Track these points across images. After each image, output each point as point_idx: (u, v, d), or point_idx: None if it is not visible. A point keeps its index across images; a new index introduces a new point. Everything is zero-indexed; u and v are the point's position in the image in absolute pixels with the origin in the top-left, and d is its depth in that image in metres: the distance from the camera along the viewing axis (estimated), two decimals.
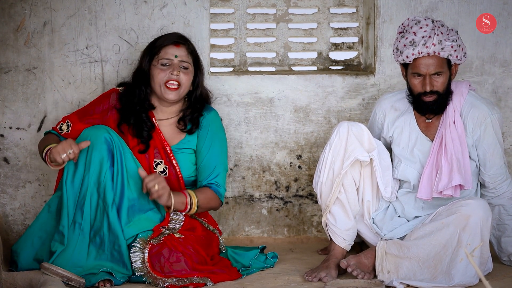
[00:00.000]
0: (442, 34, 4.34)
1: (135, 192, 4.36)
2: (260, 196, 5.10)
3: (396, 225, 4.50)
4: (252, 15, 5.14)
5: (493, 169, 4.46)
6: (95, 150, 4.30)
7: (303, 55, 5.21)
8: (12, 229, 4.95)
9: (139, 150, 4.51)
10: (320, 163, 4.46)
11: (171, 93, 4.50)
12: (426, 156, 4.47)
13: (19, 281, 4.21)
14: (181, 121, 4.58)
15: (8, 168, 4.94)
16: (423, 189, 4.42)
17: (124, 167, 4.34)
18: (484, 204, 4.25)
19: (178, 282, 4.20)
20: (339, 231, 4.47)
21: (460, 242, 4.19)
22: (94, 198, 4.30)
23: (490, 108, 4.45)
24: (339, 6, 5.17)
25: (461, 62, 4.43)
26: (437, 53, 4.35)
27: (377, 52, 5.05)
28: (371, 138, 4.42)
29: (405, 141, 4.53)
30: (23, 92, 4.91)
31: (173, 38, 4.56)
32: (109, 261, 4.26)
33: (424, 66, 4.38)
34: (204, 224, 4.53)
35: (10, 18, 4.86)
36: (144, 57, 4.56)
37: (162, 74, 4.49)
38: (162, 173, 4.52)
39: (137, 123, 4.52)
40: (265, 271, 4.53)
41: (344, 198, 4.44)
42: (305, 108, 5.08)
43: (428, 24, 4.37)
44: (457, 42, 4.36)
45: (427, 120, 4.51)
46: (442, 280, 4.19)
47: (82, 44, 4.91)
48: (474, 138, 4.45)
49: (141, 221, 4.34)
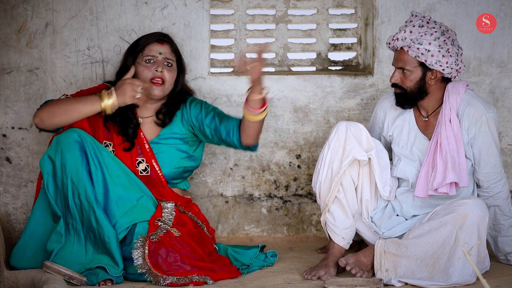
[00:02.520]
0: (411, 33, 4.35)
1: (119, 186, 4.38)
2: (259, 195, 5.12)
3: (394, 224, 4.50)
4: (252, 16, 5.15)
5: (487, 167, 4.45)
6: (68, 151, 4.32)
7: (302, 55, 5.21)
8: (14, 228, 4.96)
9: (124, 148, 4.53)
10: (319, 163, 4.47)
11: (157, 88, 4.52)
12: (424, 155, 4.49)
13: (21, 280, 4.23)
14: (159, 114, 4.61)
15: (11, 167, 4.95)
16: (420, 188, 4.43)
17: (102, 163, 4.36)
18: (481, 203, 4.26)
19: (179, 281, 4.21)
20: (338, 230, 4.49)
21: (458, 240, 4.20)
22: (76, 197, 4.32)
23: (486, 107, 4.45)
24: (337, 7, 5.18)
25: (440, 70, 4.37)
26: (406, 50, 4.37)
27: (376, 52, 5.07)
28: (370, 137, 4.44)
29: (405, 140, 4.55)
30: (25, 93, 4.92)
31: (156, 36, 4.59)
32: (103, 253, 4.29)
33: (394, 59, 4.45)
34: (193, 218, 4.55)
35: (13, 19, 4.87)
36: (128, 56, 4.57)
37: (147, 71, 4.51)
38: (144, 171, 4.55)
39: (122, 121, 4.53)
40: (264, 270, 4.54)
41: (342, 197, 4.45)
42: (304, 108, 5.10)
43: (412, 20, 4.40)
44: (425, 46, 4.33)
45: (424, 119, 4.54)
46: (440, 279, 4.21)
47: (83, 45, 4.93)
48: (469, 136, 4.45)
49: (135, 209, 4.36)
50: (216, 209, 5.09)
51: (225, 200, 5.10)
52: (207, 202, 5.08)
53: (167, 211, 4.43)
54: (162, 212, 4.42)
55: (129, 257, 4.29)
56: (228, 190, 5.10)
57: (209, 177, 5.09)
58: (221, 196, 5.10)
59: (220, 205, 5.11)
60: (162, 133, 4.59)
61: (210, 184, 5.09)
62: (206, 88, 5.00)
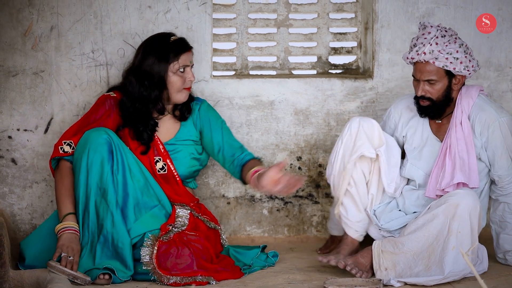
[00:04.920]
0: (437, 44, 4.38)
1: (138, 190, 4.40)
2: (261, 197, 5.13)
3: (394, 218, 4.54)
4: (254, 20, 5.16)
5: (501, 170, 4.51)
6: (96, 151, 4.34)
7: (303, 59, 5.22)
8: (20, 228, 4.96)
9: (141, 152, 4.56)
10: (333, 156, 4.53)
11: (187, 94, 4.61)
12: (434, 156, 4.52)
13: (26, 279, 4.24)
14: (176, 110, 4.66)
15: (16, 169, 4.95)
16: (431, 188, 4.47)
17: (126, 166, 4.38)
18: (472, 193, 4.29)
19: (182, 280, 4.24)
20: (350, 223, 4.55)
21: (451, 230, 4.23)
22: (98, 198, 4.34)
23: (499, 112, 4.50)
24: (338, 11, 5.18)
25: (466, 74, 4.45)
26: (432, 62, 4.41)
27: (375, 56, 5.08)
28: (381, 134, 4.47)
29: (418, 141, 4.59)
30: (31, 95, 4.92)
31: (185, 43, 4.61)
32: (114, 258, 4.30)
33: (418, 72, 4.45)
34: (206, 222, 4.58)
35: (18, 23, 4.87)
36: (158, 62, 4.54)
37: (181, 81, 4.56)
38: (162, 170, 4.59)
39: (143, 127, 4.56)
40: (266, 270, 4.56)
41: (354, 191, 4.52)
42: (305, 111, 5.12)
43: (431, 32, 4.41)
44: (454, 55, 4.38)
45: (437, 121, 4.57)
46: (437, 270, 4.23)
47: (88, 48, 4.93)
48: (482, 141, 4.49)
49: (148, 219, 4.38)
50: (218, 210, 5.11)
51: (227, 201, 5.12)
52: (209, 203, 5.09)
53: (180, 220, 4.47)
54: (175, 220, 4.45)
55: (138, 259, 4.33)
56: (229, 191, 5.12)
57: (211, 179, 5.11)
58: (223, 197, 5.13)
59: (222, 206, 5.13)
60: (177, 135, 4.64)
61: (212, 185, 5.11)
62: (209, 91, 5.02)
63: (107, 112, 4.58)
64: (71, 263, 4.26)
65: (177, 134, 4.66)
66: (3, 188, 4.97)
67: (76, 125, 4.57)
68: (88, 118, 4.58)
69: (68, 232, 4.33)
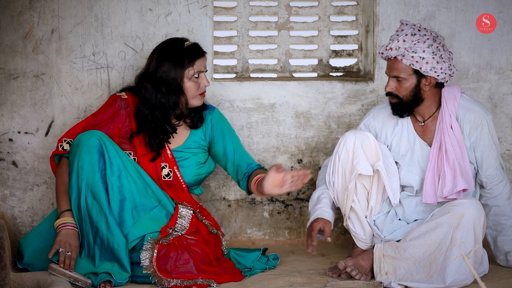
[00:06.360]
0: (405, 42, 4.38)
1: (136, 193, 4.40)
2: (261, 199, 5.13)
3: (396, 228, 4.54)
4: (254, 23, 5.16)
5: (489, 170, 4.50)
6: (85, 153, 4.34)
7: (304, 62, 5.22)
8: (20, 231, 4.97)
9: (151, 159, 4.55)
10: (330, 170, 4.52)
11: (201, 99, 4.61)
12: (425, 161, 4.52)
13: (27, 282, 4.25)
14: (187, 118, 4.65)
15: (17, 171, 4.96)
16: (427, 195, 4.46)
17: (121, 169, 4.38)
18: (477, 203, 4.30)
19: (183, 283, 4.25)
20: (358, 236, 4.56)
21: (454, 240, 4.23)
22: (89, 200, 4.34)
23: (484, 110, 4.51)
24: (339, 14, 5.19)
25: (435, 76, 4.40)
26: (400, 59, 4.41)
27: (376, 59, 5.08)
28: (377, 146, 4.46)
29: (405, 147, 4.57)
30: (31, 98, 4.93)
31: (199, 49, 4.60)
32: (112, 260, 4.31)
33: (388, 68, 4.48)
34: (208, 226, 4.58)
35: (19, 26, 4.88)
36: (174, 68, 4.52)
37: (196, 87, 4.55)
38: (167, 177, 4.60)
39: (161, 134, 4.56)
40: (266, 272, 4.57)
41: (358, 208, 4.52)
42: (306, 114, 5.12)
43: (404, 29, 4.43)
44: (419, 54, 4.36)
45: (420, 124, 4.57)
46: (438, 279, 4.23)
47: (88, 51, 4.94)
48: (471, 141, 4.49)
49: (147, 221, 4.38)
50: (218, 213, 5.12)
51: (228, 204, 5.13)
52: (210, 206, 5.10)
53: (181, 221, 4.47)
54: (176, 222, 4.45)
55: (138, 262, 4.33)
56: (230, 194, 5.13)
57: (212, 182, 5.11)
58: (224, 200, 5.14)
59: (222, 209, 5.14)
60: (186, 142, 4.64)
61: (213, 188, 5.12)
62: (210, 94, 5.01)
63: (114, 114, 4.58)
64: (69, 258, 4.27)
65: (186, 142, 4.65)
66: (4, 191, 4.98)
67: (82, 124, 4.57)
68: (95, 118, 4.58)
69: (66, 228, 4.36)
